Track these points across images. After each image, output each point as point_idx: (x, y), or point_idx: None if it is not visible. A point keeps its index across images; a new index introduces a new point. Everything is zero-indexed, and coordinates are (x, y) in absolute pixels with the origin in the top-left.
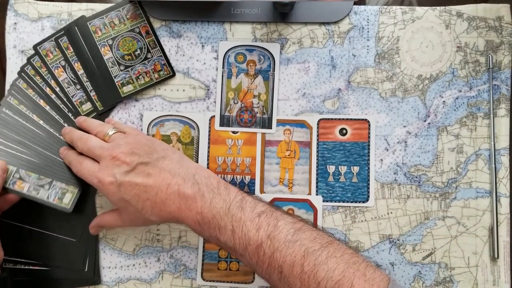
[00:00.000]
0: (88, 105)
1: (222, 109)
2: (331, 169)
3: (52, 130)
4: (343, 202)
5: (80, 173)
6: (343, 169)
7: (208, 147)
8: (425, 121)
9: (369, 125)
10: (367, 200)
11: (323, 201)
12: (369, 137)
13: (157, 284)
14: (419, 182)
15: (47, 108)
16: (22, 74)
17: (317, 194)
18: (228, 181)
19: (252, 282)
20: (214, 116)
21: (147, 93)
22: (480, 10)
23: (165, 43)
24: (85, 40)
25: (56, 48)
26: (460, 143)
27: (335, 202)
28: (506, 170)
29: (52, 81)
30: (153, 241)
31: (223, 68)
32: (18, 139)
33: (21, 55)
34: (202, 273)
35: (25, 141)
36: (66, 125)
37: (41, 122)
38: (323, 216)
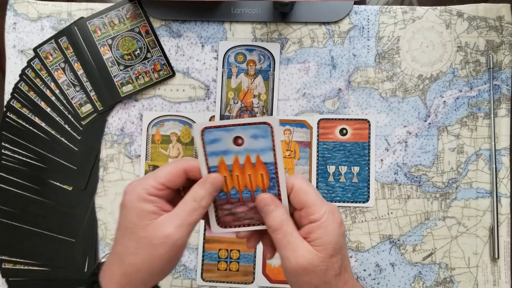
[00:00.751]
0: (88, 107)
1: (222, 109)
2: (331, 169)
3: (54, 132)
4: (343, 202)
5: None
6: (343, 169)
7: None
8: (425, 121)
9: (370, 125)
10: (368, 200)
11: None
12: (369, 137)
13: None
14: (420, 182)
15: (48, 110)
16: (23, 76)
17: None
18: None
19: (252, 282)
20: (214, 116)
21: (147, 93)
22: (481, 10)
23: (165, 43)
24: (84, 39)
25: (56, 50)
26: (460, 143)
27: (335, 202)
28: (507, 170)
29: (52, 83)
30: None
31: (223, 68)
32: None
33: (21, 55)
34: (202, 273)
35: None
36: (66, 126)
37: (43, 124)
38: None
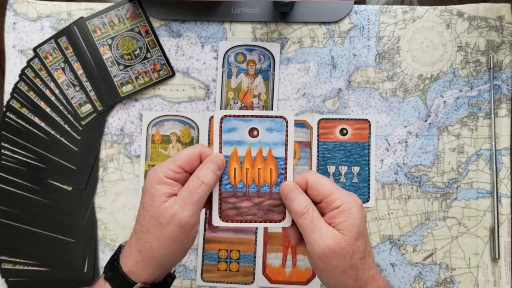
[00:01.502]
0: (88, 107)
1: (222, 109)
2: (332, 169)
3: (53, 132)
4: None
5: None
6: (344, 169)
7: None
8: (425, 121)
9: (370, 125)
10: (368, 201)
11: None
12: (369, 137)
13: None
14: (420, 183)
15: (48, 110)
16: (23, 76)
17: None
18: None
19: (252, 282)
20: (213, 116)
21: (147, 93)
22: (481, 10)
23: (165, 42)
24: (84, 39)
25: (56, 50)
26: (461, 143)
27: None
28: (507, 170)
29: (52, 83)
30: None
31: (223, 68)
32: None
33: (20, 54)
34: (202, 273)
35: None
36: (66, 126)
37: (43, 124)
38: None
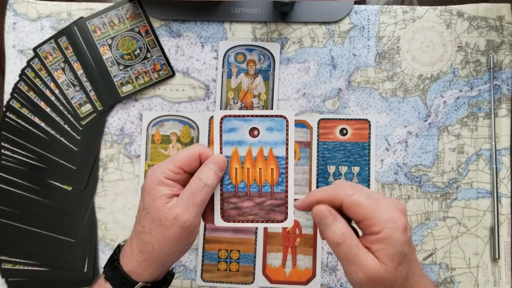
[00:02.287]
0: (88, 107)
1: (222, 109)
2: (332, 169)
3: (53, 132)
4: None
5: None
6: (344, 169)
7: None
8: (425, 121)
9: (370, 125)
10: None
11: None
12: (369, 137)
13: None
14: (420, 183)
15: (48, 110)
16: (23, 76)
17: None
18: None
19: (252, 282)
20: (213, 116)
21: (147, 93)
22: (481, 10)
23: (165, 42)
24: (84, 39)
25: (56, 50)
26: (461, 143)
27: None
28: (507, 170)
29: (52, 83)
30: None
31: (223, 68)
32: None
33: (20, 54)
34: (202, 273)
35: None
36: (66, 126)
37: (43, 124)
38: None
